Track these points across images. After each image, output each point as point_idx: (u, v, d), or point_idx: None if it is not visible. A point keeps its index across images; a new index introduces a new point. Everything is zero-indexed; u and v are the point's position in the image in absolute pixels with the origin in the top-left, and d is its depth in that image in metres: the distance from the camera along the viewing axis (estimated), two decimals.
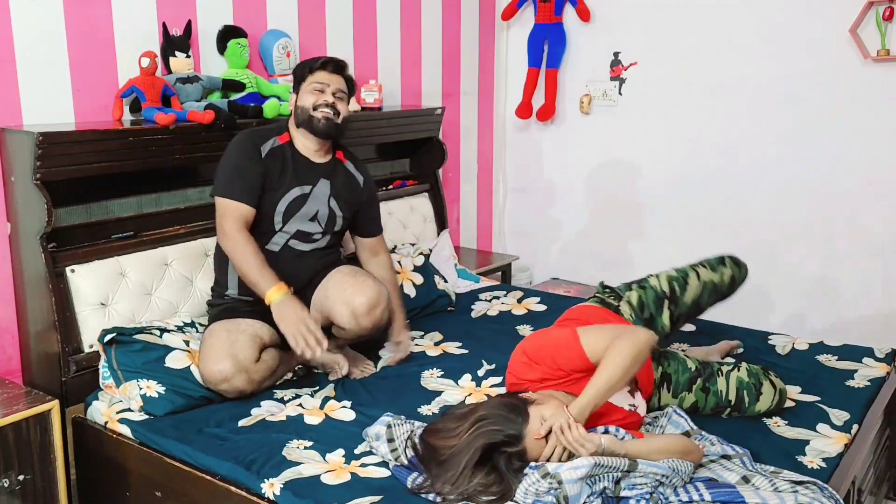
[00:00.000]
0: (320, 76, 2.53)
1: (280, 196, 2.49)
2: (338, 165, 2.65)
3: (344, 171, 2.66)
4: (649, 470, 1.78)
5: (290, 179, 2.51)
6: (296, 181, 2.52)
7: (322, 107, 2.50)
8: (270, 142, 2.52)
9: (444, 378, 2.51)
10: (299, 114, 2.53)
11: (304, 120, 2.52)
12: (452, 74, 4.06)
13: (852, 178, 3.45)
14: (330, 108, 2.51)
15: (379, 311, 2.46)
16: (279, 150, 2.52)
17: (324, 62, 2.55)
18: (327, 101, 2.51)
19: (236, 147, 2.49)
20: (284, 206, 2.50)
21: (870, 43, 3.29)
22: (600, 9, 3.98)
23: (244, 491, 1.93)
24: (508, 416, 1.82)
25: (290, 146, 2.55)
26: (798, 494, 1.74)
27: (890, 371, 2.54)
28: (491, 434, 1.78)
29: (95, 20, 2.55)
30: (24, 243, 2.37)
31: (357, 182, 2.69)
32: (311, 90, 2.52)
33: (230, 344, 2.30)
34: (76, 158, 2.35)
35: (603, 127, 4.09)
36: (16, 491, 2.11)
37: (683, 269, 2.43)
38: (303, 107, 2.52)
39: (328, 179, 2.59)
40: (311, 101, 2.50)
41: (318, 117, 2.50)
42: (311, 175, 2.56)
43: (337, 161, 2.65)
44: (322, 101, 2.50)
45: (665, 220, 3.97)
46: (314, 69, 2.54)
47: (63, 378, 2.36)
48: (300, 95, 2.54)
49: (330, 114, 2.51)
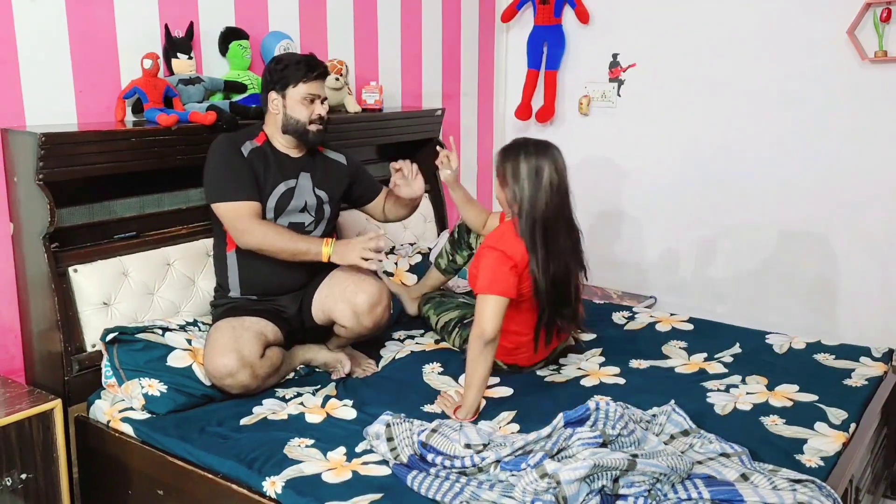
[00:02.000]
0: (314, 87, 2.52)
1: (268, 193, 2.51)
2: (316, 156, 2.66)
3: (322, 159, 2.68)
4: (648, 468, 1.79)
5: (274, 176, 2.53)
6: (281, 177, 2.54)
7: (316, 121, 2.53)
8: (248, 144, 2.53)
9: (444, 375, 2.53)
10: (291, 124, 2.52)
11: (298, 131, 2.53)
12: (452, 76, 4.08)
13: (850, 178, 3.46)
14: (322, 121, 2.55)
15: (380, 309, 2.48)
16: (259, 151, 2.53)
17: (318, 73, 2.53)
18: (321, 115, 2.53)
19: (219, 152, 2.49)
20: (274, 201, 2.52)
21: (867, 44, 3.30)
22: (599, 11, 4.00)
23: (246, 489, 1.94)
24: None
25: (268, 146, 2.57)
26: (796, 493, 1.75)
27: (887, 370, 2.55)
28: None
29: (98, 21, 2.56)
30: (27, 243, 2.39)
31: (339, 164, 2.72)
32: (302, 101, 2.50)
33: (234, 339, 2.32)
34: (79, 159, 2.36)
35: (602, 128, 4.11)
36: (18, 490, 2.12)
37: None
38: (296, 119, 2.51)
39: (307, 172, 2.61)
40: (306, 115, 2.51)
41: (313, 130, 2.53)
42: (292, 170, 2.58)
43: (315, 152, 2.67)
44: (317, 116, 2.52)
45: (664, 221, 3.98)
46: (308, 79, 2.50)
47: (66, 377, 2.37)
48: (290, 104, 2.51)
49: (322, 126, 2.55)
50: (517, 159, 2.37)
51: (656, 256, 4.04)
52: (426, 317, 2.92)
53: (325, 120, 2.56)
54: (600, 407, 1.97)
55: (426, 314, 2.92)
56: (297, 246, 2.44)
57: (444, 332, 2.80)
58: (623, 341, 2.82)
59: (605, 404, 1.97)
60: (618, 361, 2.63)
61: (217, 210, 2.47)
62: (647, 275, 4.06)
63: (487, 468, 1.90)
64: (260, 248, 2.44)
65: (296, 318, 2.57)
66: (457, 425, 2.08)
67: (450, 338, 2.77)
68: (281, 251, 2.44)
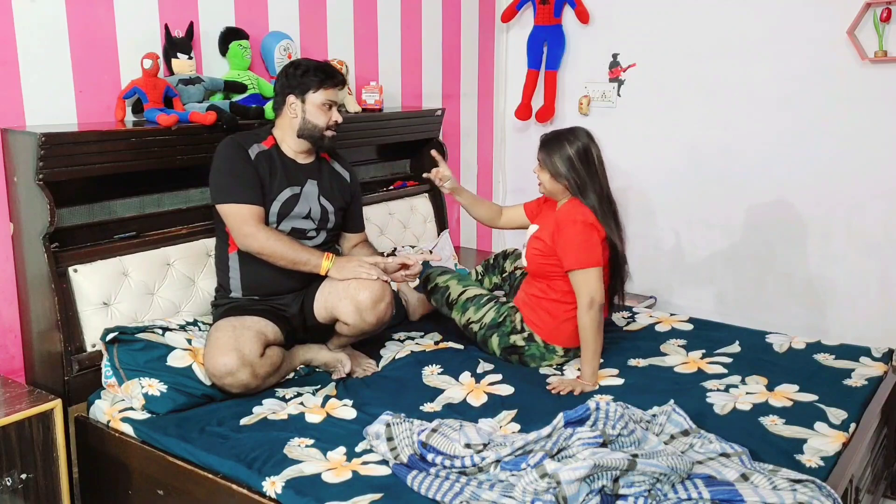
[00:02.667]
0: (332, 94, 2.56)
1: (273, 198, 2.52)
2: (323, 165, 2.67)
3: (329, 169, 2.69)
4: (648, 468, 1.79)
5: (280, 181, 2.53)
6: (286, 182, 2.55)
7: (333, 128, 2.57)
8: (256, 146, 2.54)
9: (444, 375, 2.53)
10: (308, 128, 2.55)
11: (314, 136, 2.56)
12: (452, 76, 4.08)
13: (849, 178, 3.46)
14: (336, 128, 2.59)
15: (383, 305, 2.48)
16: (266, 154, 2.54)
17: (338, 81, 2.57)
18: (339, 122, 2.58)
19: (226, 153, 2.49)
20: (278, 206, 2.52)
21: (867, 44, 3.30)
22: (599, 11, 4.00)
23: (245, 489, 1.94)
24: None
25: (276, 150, 2.57)
26: (796, 493, 1.75)
27: (887, 370, 2.55)
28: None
29: (98, 21, 2.57)
30: (27, 243, 2.39)
31: (343, 179, 2.73)
32: (321, 107, 2.53)
33: (235, 338, 2.32)
34: (79, 159, 2.36)
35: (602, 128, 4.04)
36: (18, 490, 2.12)
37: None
38: (315, 125, 2.54)
39: (314, 179, 2.62)
40: (324, 121, 2.55)
41: (328, 136, 2.57)
42: (299, 176, 2.59)
43: (322, 160, 2.68)
44: (333, 122, 2.56)
45: (663, 221, 3.98)
46: (326, 86, 2.53)
47: (66, 377, 2.37)
48: (309, 110, 2.53)
49: (335, 132, 2.59)
50: (562, 148, 2.57)
51: (656, 256, 4.04)
52: (450, 312, 2.77)
53: (338, 126, 2.60)
54: (600, 407, 1.97)
55: (455, 311, 2.75)
56: (298, 256, 2.46)
57: (478, 334, 2.69)
58: (623, 342, 2.82)
59: (605, 404, 1.98)
60: (617, 362, 2.63)
61: (221, 211, 2.47)
62: (647, 275, 4.06)
63: (487, 468, 1.89)
64: (260, 253, 2.45)
65: (297, 317, 2.57)
66: (457, 425, 2.08)
67: (489, 345, 2.67)
68: (281, 258, 2.46)
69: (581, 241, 2.50)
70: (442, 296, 2.78)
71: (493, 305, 2.70)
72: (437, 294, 2.80)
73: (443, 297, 2.78)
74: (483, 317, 2.68)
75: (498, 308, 2.68)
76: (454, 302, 2.74)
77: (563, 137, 2.60)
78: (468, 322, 2.71)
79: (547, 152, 2.60)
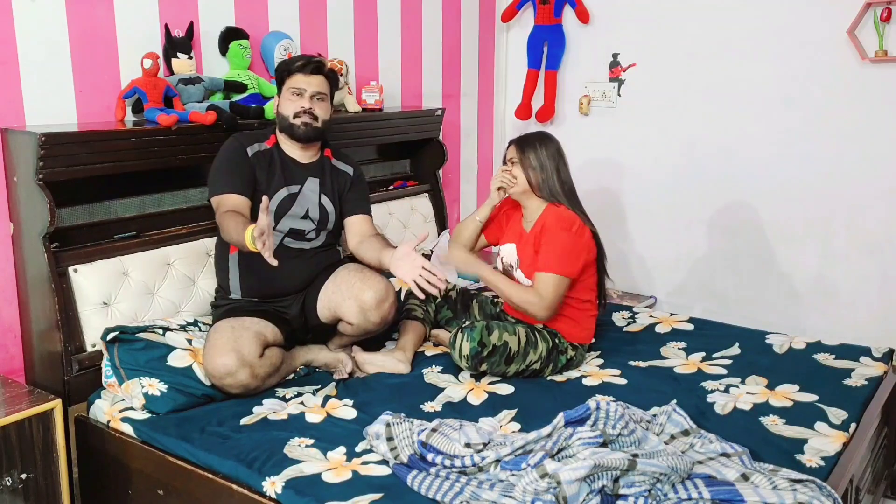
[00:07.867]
0: (298, 80, 2.51)
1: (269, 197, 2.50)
2: (325, 163, 2.66)
3: (332, 167, 2.68)
4: (648, 468, 1.79)
5: (277, 181, 2.53)
6: (283, 182, 2.54)
7: (301, 114, 2.50)
8: (257, 145, 2.54)
9: (444, 374, 2.53)
10: (280, 120, 2.54)
11: (286, 127, 2.54)
12: (453, 76, 4.08)
13: (850, 178, 3.46)
14: (308, 115, 2.51)
15: (387, 305, 2.47)
16: (265, 153, 2.54)
17: (301, 64, 2.52)
18: (304, 108, 2.50)
19: (224, 151, 2.52)
20: (274, 206, 2.52)
21: (867, 44, 3.30)
22: (599, 10, 4.00)
23: (246, 489, 1.94)
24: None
25: (276, 149, 2.57)
26: (797, 493, 1.75)
27: (887, 370, 2.55)
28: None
29: (98, 21, 2.56)
30: (27, 243, 2.39)
31: (346, 175, 2.70)
32: (289, 96, 2.51)
33: (234, 339, 2.32)
34: (79, 159, 2.36)
35: (602, 128, 4.11)
36: (18, 490, 2.12)
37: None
38: (283, 114, 2.53)
39: (316, 178, 2.60)
40: (291, 110, 2.51)
41: (297, 124, 2.51)
42: (298, 175, 2.58)
43: (325, 159, 2.67)
44: (300, 109, 2.50)
45: (663, 221, 3.98)
46: (292, 71, 2.51)
47: (66, 377, 2.37)
48: (281, 101, 2.55)
49: (308, 120, 2.51)
50: (538, 149, 2.63)
51: (656, 256, 4.04)
52: (507, 369, 2.49)
53: (315, 116, 2.52)
54: (601, 406, 1.97)
55: (515, 364, 2.49)
56: (233, 234, 2.29)
57: (537, 371, 2.52)
58: (623, 343, 2.82)
59: (605, 404, 1.98)
60: (618, 363, 2.63)
61: (212, 205, 2.48)
62: (648, 275, 4.06)
63: (487, 468, 1.89)
64: (224, 237, 2.36)
65: (297, 318, 2.57)
66: (457, 424, 2.08)
67: (545, 373, 2.53)
68: (226, 236, 2.33)
69: (568, 250, 2.51)
70: (501, 356, 2.46)
71: (537, 336, 2.52)
72: (494, 357, 2.45)
73: (501, 358, 2.46)
74: (541, 351, 2.52)
75: (542, 336, 2.53)
76: (515, 355, 2.48)
77: (541, 136, 2.67)
78: (529, 364, 2.50)
79: (529, 149, 2.63)
